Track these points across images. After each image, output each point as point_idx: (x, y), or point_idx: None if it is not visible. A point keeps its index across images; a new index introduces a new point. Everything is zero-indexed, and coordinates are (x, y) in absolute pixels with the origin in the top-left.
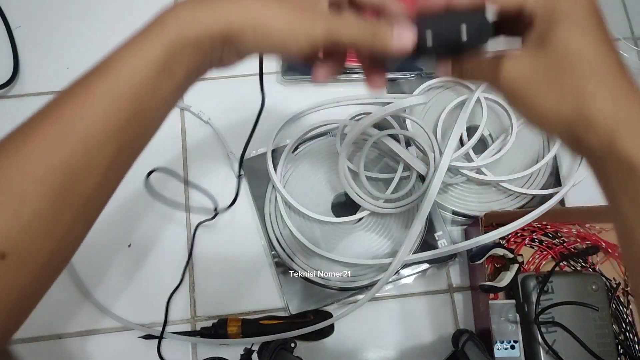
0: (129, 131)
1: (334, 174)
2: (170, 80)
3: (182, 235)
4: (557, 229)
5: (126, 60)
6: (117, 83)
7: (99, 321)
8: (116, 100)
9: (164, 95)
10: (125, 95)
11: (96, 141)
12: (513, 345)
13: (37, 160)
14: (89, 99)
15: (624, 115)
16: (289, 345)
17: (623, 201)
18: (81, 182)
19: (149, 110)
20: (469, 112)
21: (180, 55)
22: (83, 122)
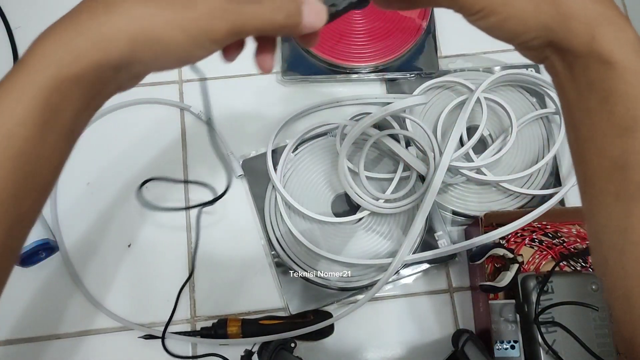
0: (20, 205)
1: (334, 174)
2: (59, 130)
3: (182, 234)
4: (557, 229)
5: (1, 115)
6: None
7: (98, 321)
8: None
9: (55, 147)
10: (6, 164)
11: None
12: (513, 345)
13: None
14: None
15: (603, 13)
16: (289, 345)
17: (591, 101)
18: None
19: (39, 171)
20: (469, 112)
21: (63, 99)
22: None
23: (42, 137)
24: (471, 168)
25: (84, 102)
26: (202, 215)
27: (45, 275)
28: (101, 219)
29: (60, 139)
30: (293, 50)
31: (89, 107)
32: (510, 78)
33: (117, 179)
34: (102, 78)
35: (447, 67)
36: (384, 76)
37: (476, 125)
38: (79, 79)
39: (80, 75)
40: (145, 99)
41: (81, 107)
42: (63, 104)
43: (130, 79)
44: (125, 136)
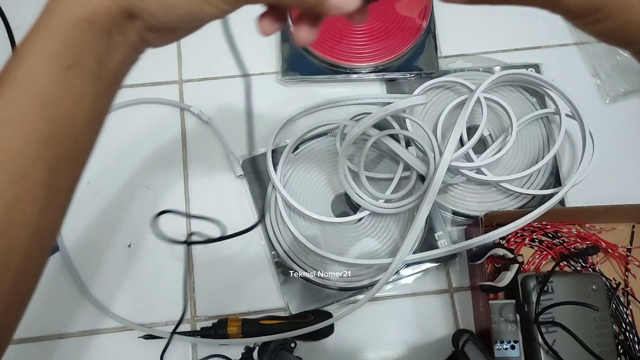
0: (55, 147)
1: (334, 174)
2: (82, 73)
3: (182, 234)
4: (557, 229)
5: (20, 64)
6: (19, 92)
7: (99, 321)
8: (25, 114)
9: (82, 92)
10: (33, 106)
11: (21, 167)
12: (513, 346)
13: None
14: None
15: None
16: (289, 345)
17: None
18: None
19: (70, 116)
20: (469, 112)
21: (81, 42)
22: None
23: (67, 80)
24: (471, 168)
25: (105, 47)
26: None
27: (45, 275)
28: (101, 218)
29: (88, 84)
30: (293, 50)
31: (113, 53)
32: (510, 78)
33: (117, 178)
34: (116, 24)
35: (447, 67)
36: (384, 76)
37: (476, 125)
38: (92, 22)
39: (91, 18)
40: (146, 99)
41: (103, 53)
42: (82, 48)
43: (151, 32)
44: (125, 136)
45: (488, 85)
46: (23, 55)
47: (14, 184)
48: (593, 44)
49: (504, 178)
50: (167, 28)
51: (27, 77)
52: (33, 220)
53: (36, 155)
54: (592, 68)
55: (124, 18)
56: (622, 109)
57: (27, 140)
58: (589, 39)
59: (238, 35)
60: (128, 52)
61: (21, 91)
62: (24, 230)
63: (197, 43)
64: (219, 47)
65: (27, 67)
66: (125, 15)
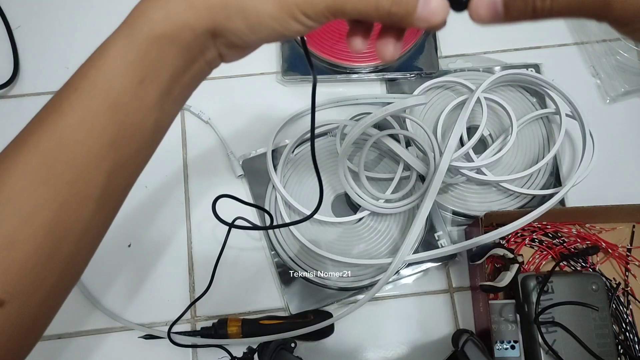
0: (117, 152)
1: (334, 174)
2: (156, 87)
3: (183, 234)
4: (557, 229)
5: (97, 70)
6: (91, 100)
7: (98, 321)
8: (94, 121)
9: (151, 104)
10: (103, 113)
11: (83, 170)
12: (513, 346)
13: (23, 197)
14: (64, 120)
15: None
16: (289, 345)
17: None
18: (74, 214)
19: (136, 125)
20: (469, 112)
21: (158, 58)
22: (64, 149)
23: (139, 92)
24: (471, 168)
25: (182, 63)
26: (201, 214)
27: None
28: None
29: (159, 98)
30: (293, 50)
31: (189, 69)
32: (510, 78)
33: None
34: (198, 42)
35: (447, 67)
36: (384, 76)
37: (476, 125)
38: (174, 39)
39: (174, 34)
40: None
41: (179, 69)
42: (159, 63)
43: (231, 49)
44: None
45: (488, 85)
46: (101, 64)
47: (74, 184)
48: (593, 44)
49: (504, 178)
50: (249, 45)
51: (102, 85)
52: (84, 221)
53: (99, 158)
54: (592, 68)
55: (207, 36)
56: (622, 109)
57: (93, 144)
58: (589, 39)
59: None
60: (203, 69)
61: (95, 98)
62: (73, 230)
63: None
64: None
65: (103, 76)
66: (208, 34)
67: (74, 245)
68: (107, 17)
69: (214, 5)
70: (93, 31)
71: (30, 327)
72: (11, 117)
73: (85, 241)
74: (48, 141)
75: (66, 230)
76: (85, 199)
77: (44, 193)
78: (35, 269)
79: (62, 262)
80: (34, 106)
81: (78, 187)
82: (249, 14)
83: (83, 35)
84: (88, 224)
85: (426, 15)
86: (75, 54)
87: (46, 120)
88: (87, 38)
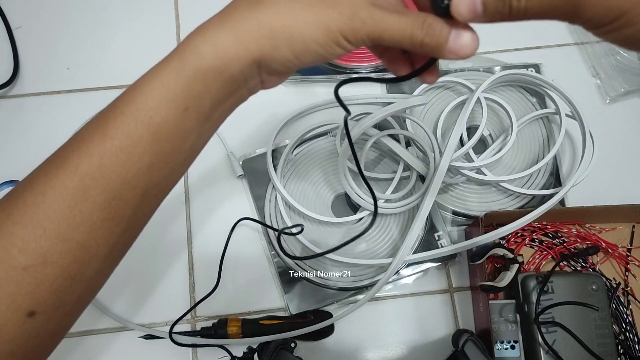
0: (152, 175)
1: (334, 174)
2: (196, 115)
3: (183, 234)
4: (557, 229)
5: (144, 97)
6: (135, 125)
7: (99, 321)
8: (136, 145)
9: (190, 129)
10: (145, 139)
11: (118, 191)
12: (513, 345)
13: (58, 217)
14: (106, 144)
15: None
16: (289, 345)
17: None
18: (105, 233)
19: (174, 149)
20: (469, 112)
21: (204, 89)
22: (103, 172)
23: (181, 120)
24: (471, 168)
25: (225, 93)
26: (201, 214)
27: None
28: None
29: (198, 124)
30: None
31: (230, 97)
32: (510, 78)
33: None
34: (244, 72)
35: (447, 67)
36: (384, 76)
37: (476, 125)
38: (221, 72)
39: (221, 68)
40: None
41: (221, 98)
42: (204, 93)
43: (273, 75)
44: None
45: (488, 85)
46: (148, 90)
47: (109, 205)
48: (593, 44)
49: (504, 178)
50: (290, 71)
51: (146, 113)
52: (114, 238)
53: (135, 181)
54: (592, 68)
55: (253, 67)
56: (622, 109)
57: (131, 169)
58: (589, 39)
59: None
60: (243, 95)
61: (139, 124)
62: (104, 247)
63: None
64: None
65: (149, 104)
66: (254, 64)
67: (100, 262)
68: (106, 17)
69: (262, 37)
70: (93, 32)
71: (51, 339)
72: (11, 117)
73: (111, 258)
74: (88, 165)
75: (96, 248)
76: (117, 219)
77: (79, 215)
78: (63, 285)
79: (88, 279)
80: (34, 106)
81: (112, 208)
82: (295, 41)
83: (83, 35)
84: (117, 241)
85: (456, 48)
86: (75, 54)
87: (89, 140)
88: (87, 39)
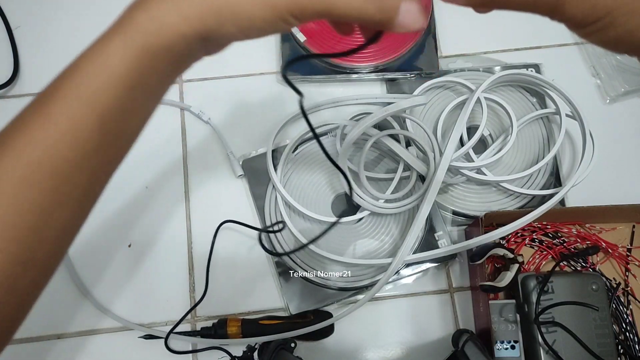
0: (101, 156)
1: (334, 174)
2: (143, 93)
3: (183, 234)
4: (557, 229)
5: (87, 78)
6: (80, 107)
7: (98, 321)
8: (82, 128)
9: (137, 107)
10: (91, 121)
11: (67, 175)
12: (513, 345)
13: (5, 204)
14: (51, 128)
15: None
16: (289, 345)
17: None
18: (55, 217)
19: (121, 130)
20: (469, 112)
21: (151, 67)
22: (49, 157)
23: (127, 99)
24: (471, 168)
25: (172, 69)
26: (201, 214)
27: None
28: (102, 218)
29: (145, 102)
30: (293, 50)
31: (177, 72)
32: (510, 78)
33: (117, 178)
34: (190, 48)
35: (447, 67)
36: (384, 76)
37: (476, 125)
38: (167, 50)
39: (168, 46)
40: None
41: (168, 74)
42: (150, 72)
43: (217, 47)
44: None
45: (488, 85)
46: (90, 71)
47: (57, 190)
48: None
49: (504, 178)
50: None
51: (90, 94)
52: (64, 221)
53: (84, 163)
54: (592, 68)
55: (198, 42)
56: (622, 109)
57: (78, 152)
58: None
59: None
60: (188, 67)
61: (82, 107)
62: (54, 231)
63: None
64: None
65: (92, 84)
66: (200, 40)
67: (52, 245)
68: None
69: (207, 14)
70: (93, 31)
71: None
72: (11, 117)
73: (63, 240)
74: (33, 151)
75: (47, 232)
76: (67, 202)
77: (26, 201)
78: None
79: (40, 263)
80: None
81: (61, 192)
82: (241, 18)
83: (83, 35)
84: (68, 223)
85: (406, 22)
86: (75, 54)
87: (33, 125)
88: (87, 38)
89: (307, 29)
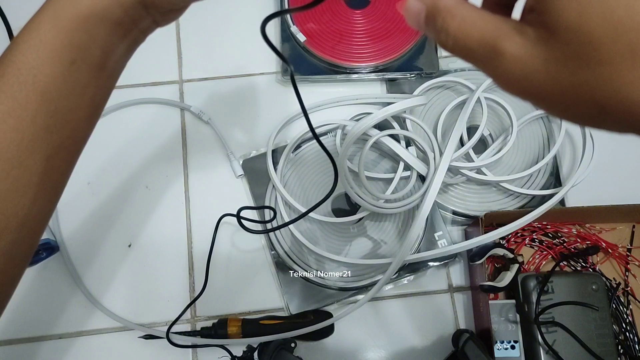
0: (53, 137)
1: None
2: (88, 66)
3: (183, 234)
4: (557, 229)
5: (23, 55)
6: (19, 87)
7: (99, 321)
8: (24, 108)
9: (84, 83)
10: (33, 100)
11: (16, 159)
12: (513, 345)
13: None
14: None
15: None
16: (289, 345)
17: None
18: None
19: (70, 106)
20: (469, 112)
21: (88, 37)
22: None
23: (70, 74)
24: (471, 168)
25: (115, 39)
26: (201, 214)
27: (45, 275)
28: (102, 218)
29: (92, 76)
30: (293, 50)
31: (122, 42)
32: None
33: (117, 178)
34: (129, 15)
35: (448, 67)
36: (384, 76)
37: (476, 125)
38: (103, 17)
39: (102, 13)
40: (146, 99)
41: (111, 44)
42: (89, 42)
43: (164, 14)
44: (125, 136)
45: (488, 85)
46: (24, 48)
47: (8, 175)
48: None
49: (504, 178)
50: (180, 8)
51: (28, 72)
52: (25, 209)
53: (33, 146)
54: None
55: (139, 8)
56: None
57: (25, 133)
58: None
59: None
60: (137, 37)
61: (22, 85)
62: (14, 218)
63: (197, 43)
64: (219, 47)
65: (29, 62)
66: (139, 6)
67: (15, 234)
68: None
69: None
70: None
71: None
72: None
73: (27, 229)
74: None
75: (5, 221)
76: (22, 188)
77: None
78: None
79: (4, 251)
80: None
81: (13, 177)
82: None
83: None
84: (29, 211)
85: None
86: None
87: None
88: None
89: (307, 29)
